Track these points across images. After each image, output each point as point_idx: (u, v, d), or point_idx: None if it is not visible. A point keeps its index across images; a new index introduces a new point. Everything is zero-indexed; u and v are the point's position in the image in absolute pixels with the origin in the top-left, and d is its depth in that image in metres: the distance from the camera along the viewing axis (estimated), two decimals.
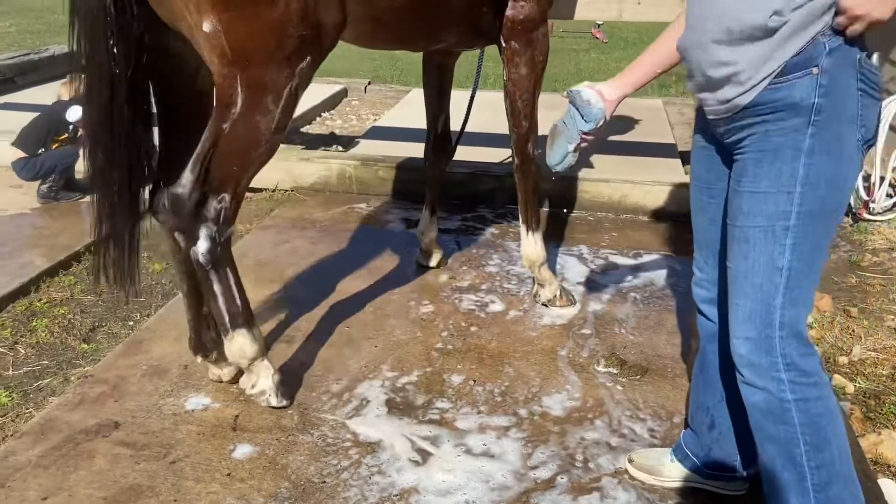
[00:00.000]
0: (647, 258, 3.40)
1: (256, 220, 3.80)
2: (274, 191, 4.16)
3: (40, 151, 3.86)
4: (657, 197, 3.87)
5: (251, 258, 3.32)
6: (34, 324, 2.76)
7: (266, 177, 4.17)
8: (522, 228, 2.95)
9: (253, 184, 4.09)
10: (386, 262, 3.29)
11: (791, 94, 1.41)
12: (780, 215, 1.46)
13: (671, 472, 1.98)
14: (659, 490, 1.96)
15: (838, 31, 1.39)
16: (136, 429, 2.15)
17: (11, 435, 2.14)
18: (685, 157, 5.03)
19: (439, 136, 3.16)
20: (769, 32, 1.40)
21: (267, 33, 1.86)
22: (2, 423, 2.20)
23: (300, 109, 6.23)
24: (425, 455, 2.07)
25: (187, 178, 2.02)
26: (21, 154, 3.86)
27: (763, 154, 1.48)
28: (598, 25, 11.38)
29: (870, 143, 1.49)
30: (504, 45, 2.72)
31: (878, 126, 1.49)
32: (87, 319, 2.81)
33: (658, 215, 3.89)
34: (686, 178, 4.08)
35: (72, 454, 2.04)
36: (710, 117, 1.59)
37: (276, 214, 3.86)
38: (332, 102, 6.79)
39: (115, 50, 1.94)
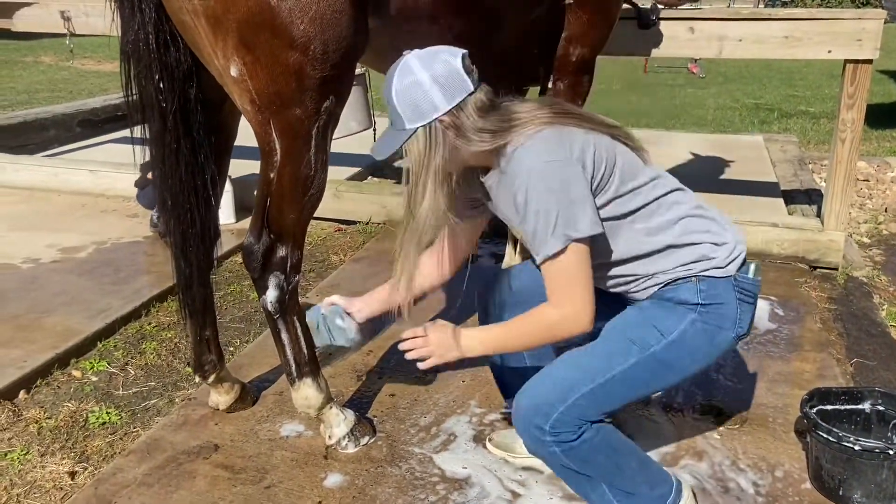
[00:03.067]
0: None
1: (350, 252, 3.90)
2: (367, 223, 4.27)
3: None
4: (757, 238, 3.73)
5: (344, 289, 3.40)
6: (143, 346, 2.92)
7: (359, 209, 4.30)
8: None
9: (346, 216, 4.28)
10: (475, 297, 3.29)
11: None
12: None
13: (522, 450, 2.05)
14: None
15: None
16: (234, 452, 2.23)
17: (119, 452, 2.26)
18: (788, 197, 4.84)
19: None
20: None
21: (288, 76, 1.89)
22: (111, 441, 2.33)
23: None
24: (515, 495, 2.05)
25: (253, 228, 2.10)
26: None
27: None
28: (695, 60, 11.19)
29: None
30: (550, 85, 2.71)
31: None
32: None
33: (759, 257, 3.74)
34: (789, 219, 3.92)
35: (174, 474, 2.13)
36: None
37: (369, 247, 3.95)
38: None
39: (160, 85, 2.03)
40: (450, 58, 1.68)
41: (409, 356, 1.82)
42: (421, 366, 1.81)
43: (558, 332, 1.72)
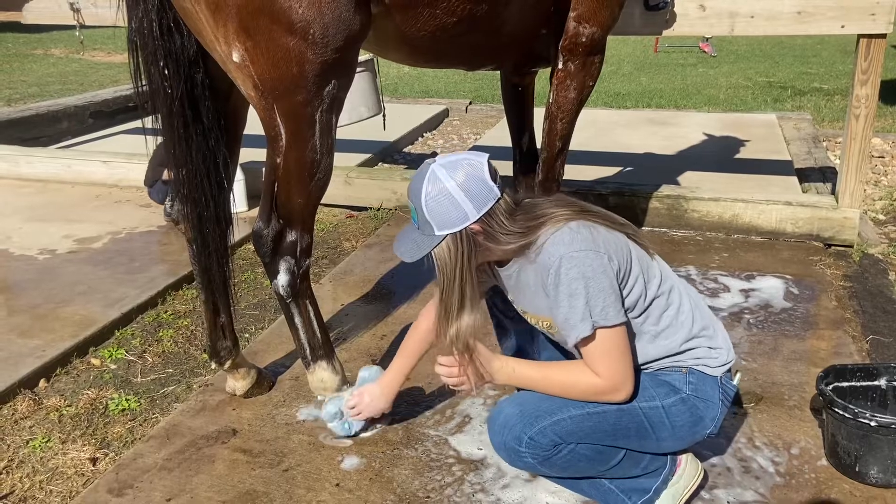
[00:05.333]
0: (760, 280, 3.26)
1: (362, 238, 3.91)
2: (378, 209, 4.28)
3: (161, 180, 4.16)
4: (771, 216, 3.71)
5: (357, 275, 3.43)
6: (160, 334, 2.95)
7: (370, 196, 4.30)
8: None
9: (357, 203, 4.29)
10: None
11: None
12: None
13: None
14: None
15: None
16: (252, 436, 2.25)
17: (140, 438, 2.30)
18: (802, 175, 4.80)
19: (525, 155, 3.19)
20: None
21: (289, 60, 1.89)
22: (131, 427, 2.36)
23: (404, 130, 6.46)
24: (533, 475, 2.06)
25: (262, 214, 2.11)
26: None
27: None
28: (707, 39, 11.08)
29: None
30: (560, 66, 2.67)
31: None
32: None
33: (772, 236, 3.73)
34: (803, 197, 3.89)
35: (194, 458, 2.16)
36: None
37: (381, 233, 3.96)
38: (434, 122, 6.93)
39: (165, 71, 2.04)
40: (475, 164, 1.72)
41: (444, 380, 1.86)
42: (454, 388, 1.87)
43: (593, 398, 1.76)
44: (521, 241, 1.75)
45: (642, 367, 1.85)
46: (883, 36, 3.32)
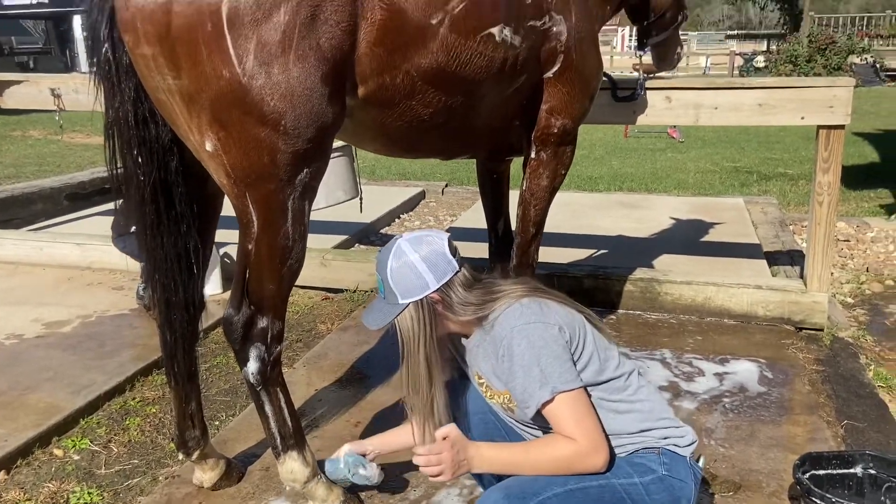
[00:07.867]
0: (734, 364, 3.28)
1: (337, 321, 3.89)
2: (354, 291, 4.27)
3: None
4: (743, 300, 3.76)
5: (331, 359, 3.39)
6: (127, 422, 2.86)
7: (346, 278, 4.30)
8: None
9: (333, 285, 4.29)
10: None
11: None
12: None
13: None
14: None
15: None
16: None
17: None
18: (770, 258, 4.90)
19: (501, 239, 3.23)
20: None
21: (261, 150, 1.93)
22: None
23: (380, 212, 6.51)
24: None
25: (233, 300, 2.11)
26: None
27: None
28: (675, 125, 11.47)
29: None
30: (533, 155, 2.76)
31: None
32: None
33: (744, 319, 3.77)
34: (773, 281, 3.96)
35: None
36: None
37: (356, 315, 3.94)
38: (410, 204, 7.02)
39: (139, 159, 2.07)
40: (437, 241, 1.89)
41: (423, 471, 1.83)
42: (433, 479, 1.83)
43: (577, 463, 1.76)
44: (476, 314, 1.87)
45: (622, 453, 1.85)
46: (841, 127, 3.46)
